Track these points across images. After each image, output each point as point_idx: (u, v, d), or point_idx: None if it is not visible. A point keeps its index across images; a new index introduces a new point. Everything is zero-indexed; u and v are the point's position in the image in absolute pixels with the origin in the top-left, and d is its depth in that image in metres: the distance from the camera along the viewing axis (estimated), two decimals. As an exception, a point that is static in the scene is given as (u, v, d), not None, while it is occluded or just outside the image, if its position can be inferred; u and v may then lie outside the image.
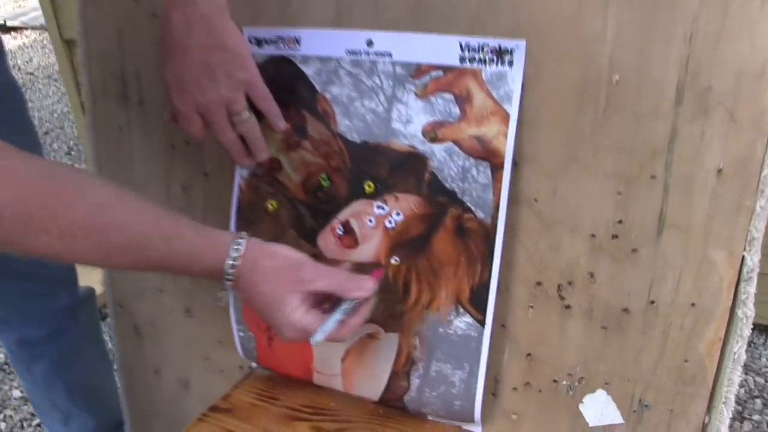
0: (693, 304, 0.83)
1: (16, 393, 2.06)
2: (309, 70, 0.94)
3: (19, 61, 5.15)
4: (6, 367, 2.16)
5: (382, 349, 0.98)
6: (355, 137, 0.92)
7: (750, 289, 0.79)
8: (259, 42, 0.97)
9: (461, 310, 0.91)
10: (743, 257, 0.79)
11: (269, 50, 0.97)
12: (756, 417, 1.76)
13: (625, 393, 0.90)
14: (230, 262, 0.82)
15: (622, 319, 0.87)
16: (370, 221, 0.93)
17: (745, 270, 0.79)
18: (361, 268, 0.94)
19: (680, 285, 0.83)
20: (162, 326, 1.27)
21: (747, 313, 0.79)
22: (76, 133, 3.78)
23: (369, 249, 0.94)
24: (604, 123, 0.81)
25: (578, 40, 0.80)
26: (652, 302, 0.85)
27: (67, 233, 0.71)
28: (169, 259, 0.80)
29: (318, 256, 0.97)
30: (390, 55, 0.89)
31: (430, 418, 1.01)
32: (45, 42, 5.49)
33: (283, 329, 0.83)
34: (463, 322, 0.92)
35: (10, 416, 1.99)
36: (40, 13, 5.83)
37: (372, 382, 1.01)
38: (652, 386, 0.89)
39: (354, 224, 0.94)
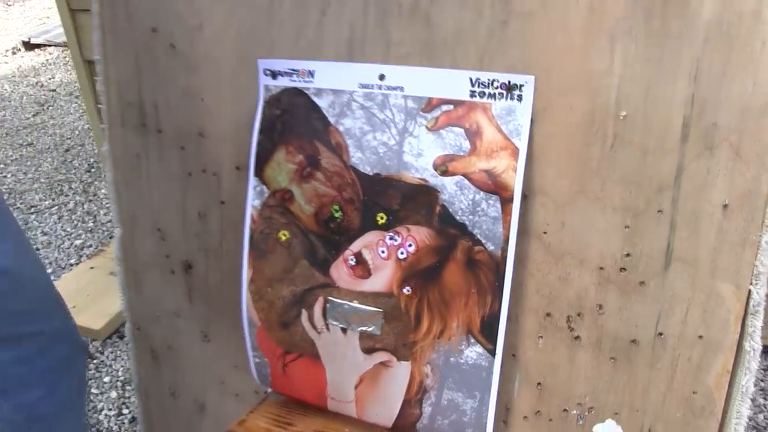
0: (701, 337, 0.84)
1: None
2: (322, 103, 0.96)
3: (42, 78, 5.22)
4: (26, 384, 2.18)
5: (395, 376, 0.99)
6: (367, 169, 0.94)
7: (757, 323, 0.80)
8: (273, 74, 0.99)
9: (472, 339, 0.92)
10: (750, 291, 0.80)
11: (283, 82, 0.99)
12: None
13: (634, 423, 0.91)
14: None
15: (631, 351, 0.88)
16: (382, 252, 0.95)
17: (751, 303, 0.80)
18: (374, 297, 0.96)
19: (688, 317, 0.84)
20: (179, 350, 1.29)
21: (754, 346, 0.80)
22: (97, 151, 3.83)
23: (381, 279, 0.95)
24: (611, 157, 0.82)
25: (586, 75, 0.82)
26: (660, 334, 0.86)
27: None
28: None
29: (330, 286, 0.98)
30: (402, 89, 0.91)
31: (442, 445, 1.02)
32: (68, 59, 5.56)
33: None
34: (473, 351, 0.93)
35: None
36: (63, 30, 5.94)
37: (385, 410, 1.02)
38: (661, 417, 0.89)
39: (366, 255, 0.96)
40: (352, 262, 0.97)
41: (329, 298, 0.99)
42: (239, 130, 1.05)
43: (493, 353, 0.91)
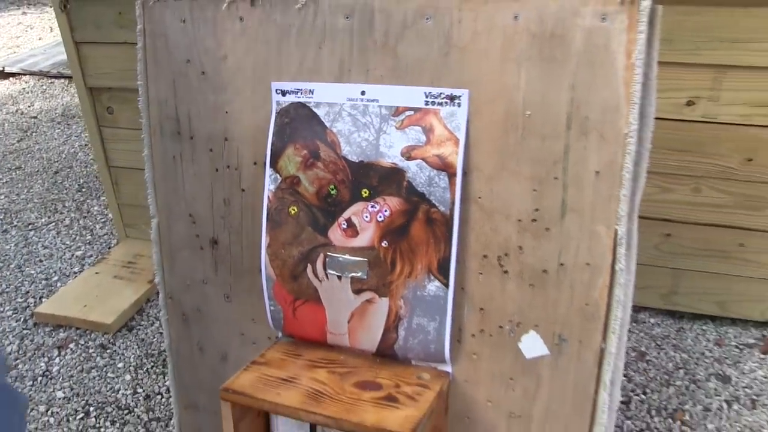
0: (588, 264, 1.20)
1: (60, 394, 2.37)
2: (320, 112, 1.33)
3: (21, 106, 5.38)
4: (48, 373, 2.48)
5: (377, 310, 1.35)
6: (354, 158, 1.31)
7: (622, 251, 1.16)
8: (283, 92, 1.36)
9: (432, 277, 1.29)
10: (616, 229, 1.17)
11: (290, 98, 1.35)
12: (679, 383, 2.17)
13: (549, 331, 1.27)
14: None
15: (543, 278, 1.25)
16: (366, 217, 1.31)
17: (618, 238, 1.17)
18: (361, 251, 1.32)
19: (579, 251, 1.20)
20: (205, 311, 1.60)
21: (621, 267, 1.17)
22: (87, 172, 4.09)
23: (366, 237, 1.32)
24: (522, 143, 1.20)
25: (502, 88, 1.20)
26: (562, 264, 1.22)
27: None
28: None
29: (329, 245, 1.35)
30: (377, 101, 1.28)
31: (413, 363, 1.38)
32: (45, 87, 5.76)
33: None
34: (433, 286, 1.29)
35: (57, 412, 2.30)
36: (37, 59, 6.18)
37: (370, 337, 1.38)
38: (566, 325, 1.25)
39: (354, 220, 1.32)
40: (345, 226, 1.33)
41: (328, 254, 1.35)
42: (256, 135, 1.40)
43: (447, 286, 1.28)
